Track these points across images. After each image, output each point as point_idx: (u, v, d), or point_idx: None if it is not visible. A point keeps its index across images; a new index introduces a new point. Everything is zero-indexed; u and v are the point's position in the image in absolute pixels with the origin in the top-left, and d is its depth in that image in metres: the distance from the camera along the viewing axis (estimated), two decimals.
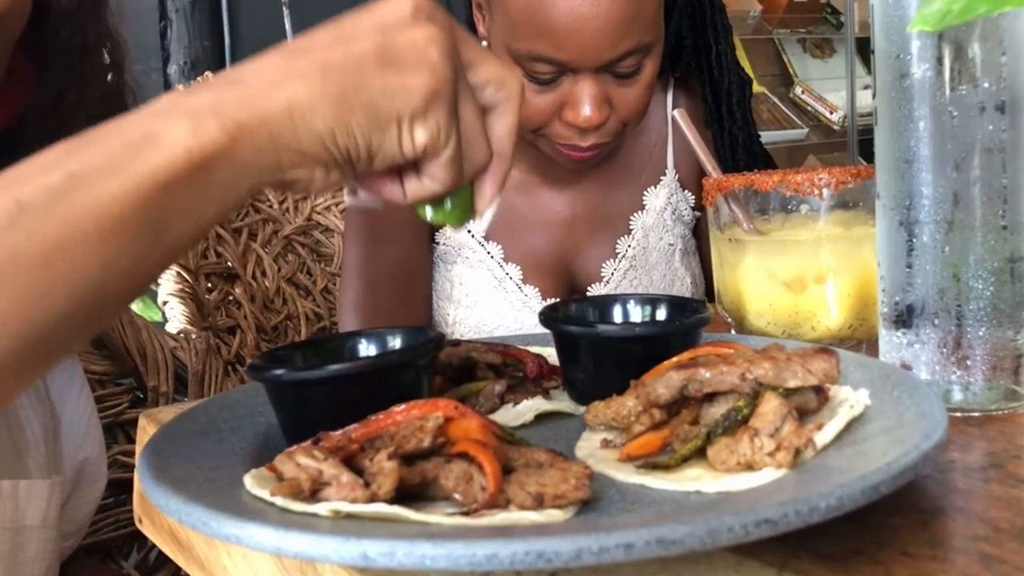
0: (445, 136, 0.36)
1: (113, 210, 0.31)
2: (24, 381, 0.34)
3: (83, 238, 0.31)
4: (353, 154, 0.35)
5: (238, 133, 0.33)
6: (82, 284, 0.31)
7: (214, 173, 0.33)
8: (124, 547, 0.82)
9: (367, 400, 0.38)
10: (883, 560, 0.30)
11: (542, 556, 0.26)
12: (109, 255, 0.31)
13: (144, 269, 0.33)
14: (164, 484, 0.33)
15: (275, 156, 0.34)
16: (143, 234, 0.32)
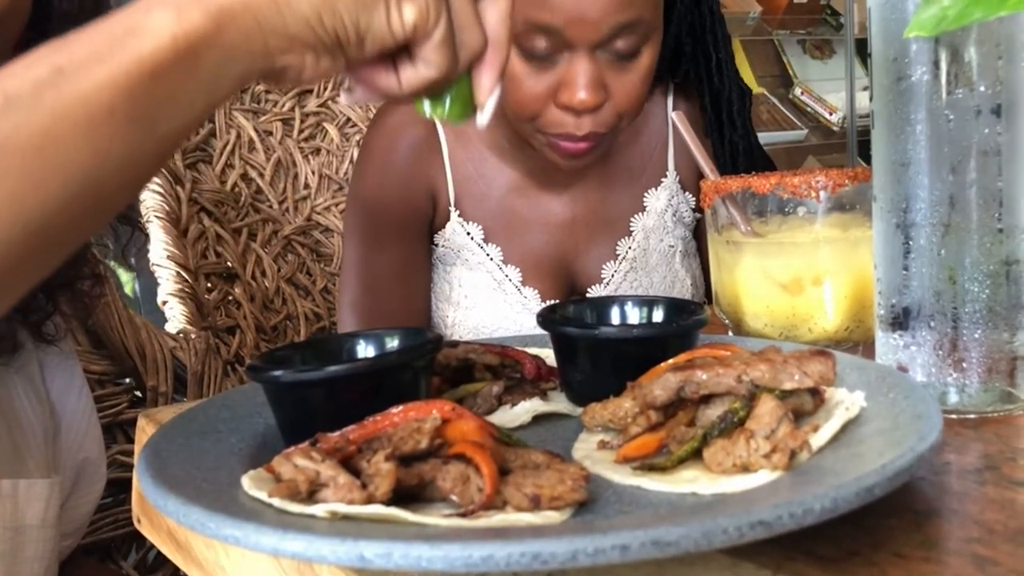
0: (435, 14, 0.36)
1: (101, 99, 0.31)
2: (28, 276, 0.33)
3: (73, 127, 0.31)
4: (342, 36, 0.35)
5: (223, 18, 0.33)
6: (76, 173, 0.31)
7: (201, 60, 0.33)
8: (123, 547, 0.83)
9: (365, 401, 0.38)
10: (878, 562, 0.30)
11: (538, 557, 0.26)
12: (101, 144, 0.31)
13: (138, 160, 0.33)
14: (163, 484, 0.33)
15: (262, 41, 0.34)
16: (133, 124, 0.32)
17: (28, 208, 0.31)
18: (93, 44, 0.32)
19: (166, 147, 0.34)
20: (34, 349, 0.62)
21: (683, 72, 0.89)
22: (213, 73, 0.33)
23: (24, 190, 0.31)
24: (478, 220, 0.87)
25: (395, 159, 0.87)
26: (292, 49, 0.35)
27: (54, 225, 0.32)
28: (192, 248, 1.02)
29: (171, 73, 0.32)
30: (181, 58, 0.32)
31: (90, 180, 0.32)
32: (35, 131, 0.31)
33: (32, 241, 0.32)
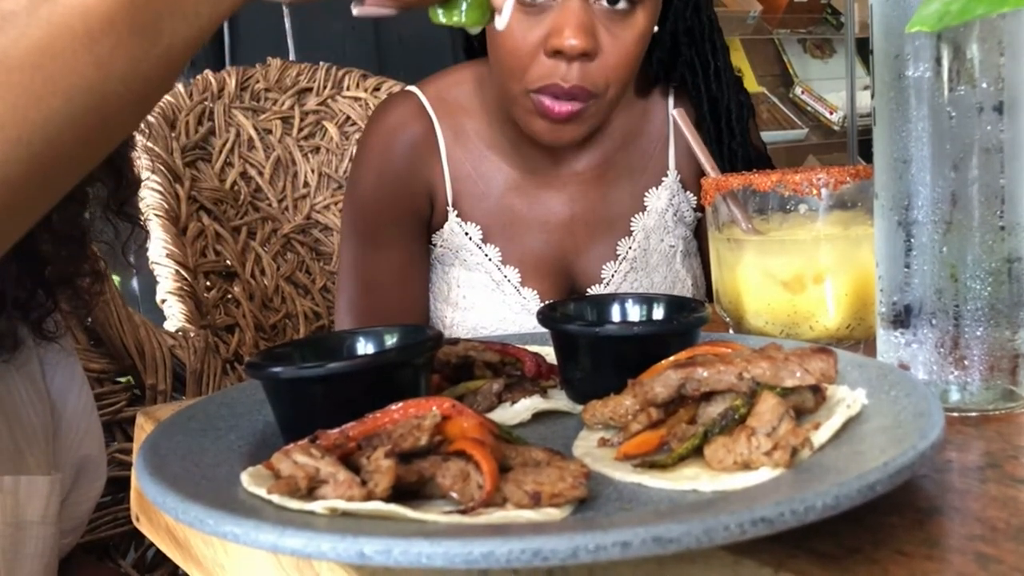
0: None
1: (100, 9, 0.31)
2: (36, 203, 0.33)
3: (72, 39, 0.30)
4: None
5: None
6: (79, 86, 0.31)
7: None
8: (122, 545, 0.82)
9: (364, 398, 0.38)
10: (880, 559, 0.30)
11: (538, 554, 0.26)
12: (102, 56, 0.31)
13: (144, 74, 0.32)
14: (161, 482, 0.33)
15: None
16: (135, 34, 0.31)
17: (31, 125, 0.30)
18: None
19: (172, 61, 0.33)
20: (35, 346, 0.61)
21: (679, 75, 0.89)
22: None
23: (26, 107, 0.30)
24: (476, 220, 0.86)
25: (392, 158, 0.86)
26: None
27: (59, 144, 0.31)
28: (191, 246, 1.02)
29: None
30: None
31: (94, 95, 0.31)
32: (33, 46, 0.30)
33: (37, 161, 0.31)
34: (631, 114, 0.90)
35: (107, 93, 0.32)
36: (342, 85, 1.20)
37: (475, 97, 0.88)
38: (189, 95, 1.11)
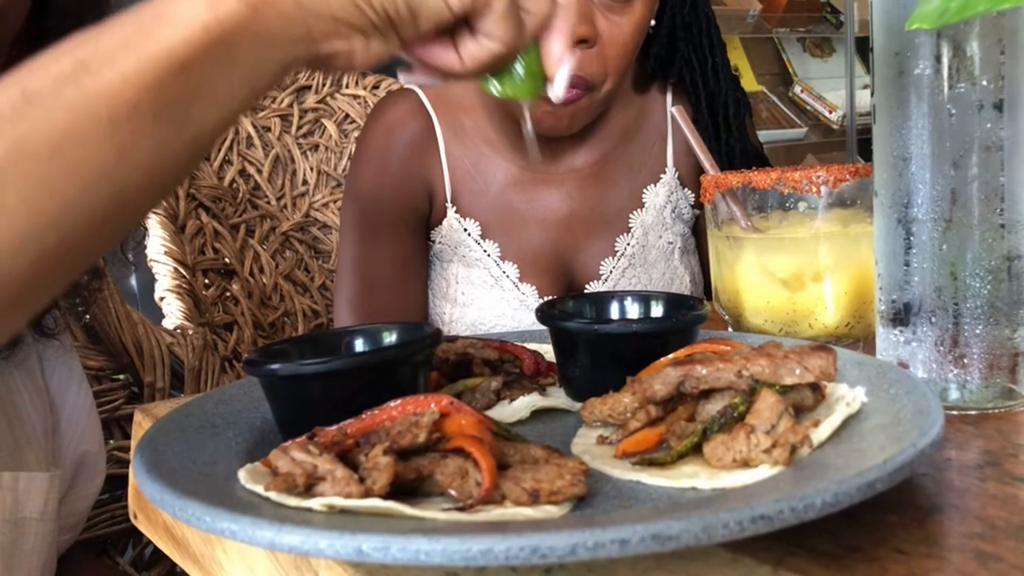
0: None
1: (126, 93, 0.29)
2: (45, 289, 0.31)
3: (95, 124, 0.28)
4: (392, 13, 0.32)
5: (259, 2, 0.30)
6: (97, 174, 0.29)
7: (236, 49, 0.30)
8: (119, 543, 0.82)
9: (363, 395, 0.38)
10: (879, 558, 0.30)
11: (537, 551, 0.26)
12: (124, 143, 0.29)
13: (166, 159, 0.30)
14: (159, 479, 0.33)
15: (304, 25, 0.31)
16: (161, 119, 0.29)
17: (45, 215, 0.28)
18: (119, 35, 0.30)
19: (198, 145, 0.31)
20: (34, 343, 0.61)
21: (676, 71, 0.89)
22: (250, 63, 0.30)
23: (40, 198, 0.28)
24: (475, 216, 0.86)
25: (392, 156, 0.86)
26: (338, 33, 0.32)
27: (72, 236, 0.29)
28: (190, 244, 1.02)
29: (203, 64, 0.30)
30: (214, 48, 0.30)
31: (113, 184, 0.29)
32: (54, 131, 0.28)
33: (48, 254, 0.29)
34: (629, 111, 0.90)
35: (127, 182, 0.29)
36: (341, 83, 1.20)
37: (473, 94, 0.88)
38: None
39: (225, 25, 0.30)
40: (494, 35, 0.34)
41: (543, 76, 0.37)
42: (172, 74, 0.29)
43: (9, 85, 0.29)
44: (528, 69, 0.37)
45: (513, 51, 0.35)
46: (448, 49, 0.35)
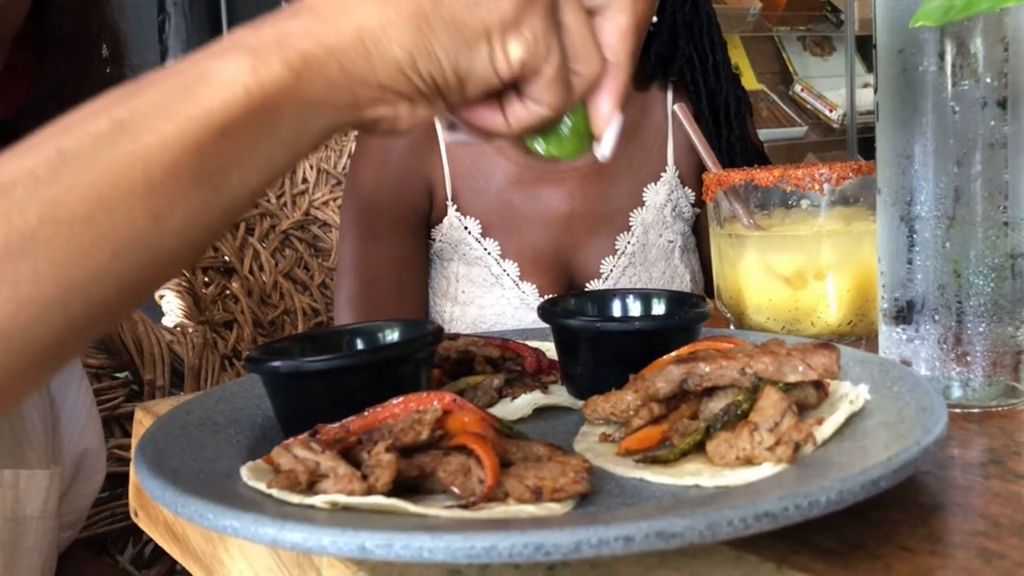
0: (544, 48, 0.31)
1: (163, 158, 0.28)
2: (68, 351, 0.30)
3: (130, 189, 0.27)
4: (440, 81, 0.31)
5: (304, 67, 0.29)
6: (129, 242, 0.28)
7: (278, 115, 0.29)
8: (120, 541, 0.82)
9: (365, 393, 0.38)
10: (883, 555, 0.30)
11: (541, 548, 0.26)
12: (160, 209, 0.28)
13: (201, 225, 0.29)
14: (160, 476, 0.33)
15: (349, 91, 0.30)
16: (198, 185, 0.28)
17: (72, 283, 0.27)
18: (159, 94, 0.29)
19: (234, 210, 0.30)
20: None
21: (677, 69, 0.89)
22: (292, 129, 0.29)
23: (69, 263, 0.27)
24: (475, 214, 0.86)
25: (392, 154, 0.86)
26: (384, 99, 0.30)
27: (101, 299, 0.28)
28: None
29: (243, 130, 0.28)
30: (255, 113, 0.28)
31: (146, 249, 0.28)
32: (88, 195, 0.27)
33: (75, 316, 0.28)
34: (630, 109, 0.90)
35: (160, 248, 0.28)
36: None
37: None
38: None
39: (268, 90, 0.28)
40: (542, 100, 0.33)
41: (590, 135, 0.36)
42: (212, 139, 0.28)
43: (45, 142, 0.28)
44: (575, 128, 0.35)
45: (561, 114, 0.34)
46: (494, 111, 0.34)
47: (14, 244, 0.26)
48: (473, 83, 0.31)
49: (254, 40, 0.29)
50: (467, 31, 0.30)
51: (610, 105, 0.35)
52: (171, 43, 1.64)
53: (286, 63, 0.29)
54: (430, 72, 0.30)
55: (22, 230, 0.26)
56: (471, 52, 0.31)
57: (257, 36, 0.30)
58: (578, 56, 0.33)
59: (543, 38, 0.31)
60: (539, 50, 0.31)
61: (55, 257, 0.27)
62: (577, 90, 0.34)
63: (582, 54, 0.33)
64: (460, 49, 0.30)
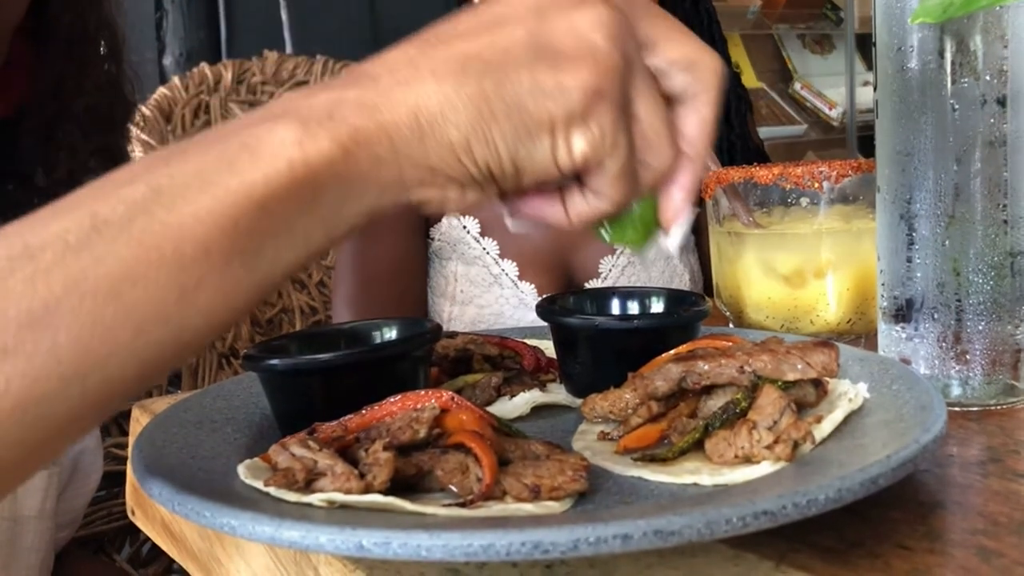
0: (611, 143, 0.29)
1: (196, 232, 0.26)
2: (85, 426, 0.28)
3: (158, 263, 0.26)
4: (495, 169, 0.29)
5: (353, 144, 0.27)
6: (153, 317, 0.26)
7: (321, 191, 0.27)
8: (117, 540, 0.82)
9: (363, 391, 0.38)
10: (882, 553, 0.30)
11: (539, 547, 0.26)
12: (188, 286, 0.26)
13: (229, 305, 0.27)
14: (157, 474, 0.33)
15: (397, 171, 0.28)
16: (230, 263, 0.27)
17: (92, 359, 0.26)
18: (201, 161, 0.27)
19: (263, 289, 0.28)
20: None
21: None
22: (333, 206, 0.27)
23: (91, 338, 0.26)
24: (474, 213, 0.86)
25: None
26: (433, 182, 0.28)
27: (119, 375, 0.27)
28: None
29: (283, 205, 0.27)
30: (297, 189, 0.27)
31: (169, 327, 0.27)
32: (116, 267, 0.26)
33: (91, 393, 0.26)
34: None
35: (184, 325, 0.27)
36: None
37: None
38: (185, 88, 1.10)
39: (313, 165, 0.27)
40: (605, 195, 0.30)
41: (657, 225, 0.33)
42: (248, 215, 0.26)
43: (81, 205, 0.27)
44: (642, 217, 0.33)
45: (623, 208, 0.31)
46: (554, 204, 0.31)
47: (36, 314, 0.25)
48: (531, 173, 0.29)
49: (306, 108, 0.28)
50: (530, 120, 0.28)
51: (681, 199, 0.33)
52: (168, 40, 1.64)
53: (335, 139, 0.27)
54: (486, 159, 0.28)
55: (47, 299, 0.25)
56: (532, 142, 0.28)
57: (310, 104, 0.28)
58: (649, 147, 0.31)
59: (610, 132, 0.29)
60: (605, 145, 0.29)
61: (76, 330, 0.26)
62: (645, 182, 0.31)
63: (654, 146, 0.31)
64: (520, 138, 0.28)
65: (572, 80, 0.28)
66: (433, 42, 0.29)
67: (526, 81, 0.28)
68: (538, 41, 0.28)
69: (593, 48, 0.28)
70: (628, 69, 0.29)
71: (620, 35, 0.29)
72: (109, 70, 0.64)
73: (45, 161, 0.60)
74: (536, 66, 0.28)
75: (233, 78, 1.14)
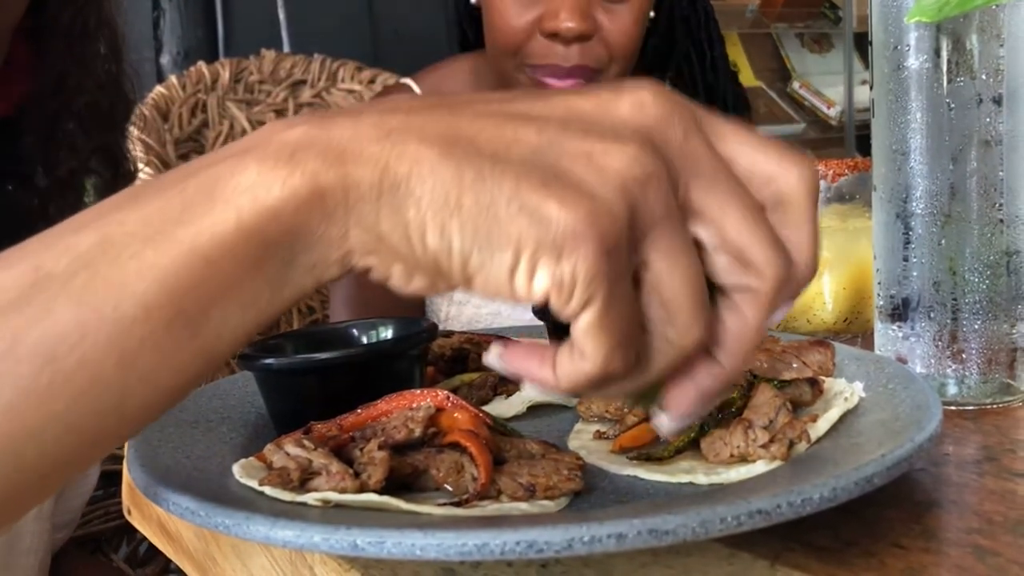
0: (583, 293, 0.24)
1: (137, 289, 0.24)
2: (30, 502, 0.26)
3: (96, 327, 0.24)
4: (443, 264, 0.25)
5: (306, 192, 0.25)
6: (91, 384, 0.24)
7: (269, 247, 0.25)
8: (114, 540, 0.82)
9: (358, 390, 0.37)
10: (877, 552, 0.30)
11: (533, 546, 0.26)
12: (127, 350, 0.24)
13: (174, 367, 0.25)
14: (153, 473, 0.33)
15: (344, 230, 0.25)
16: (172, 325, 0.24)
17: (27, 427, 0.24)
18: (155, 205, 0.25)
19: (211, 355, 0.25)
20: None
21: (675, 65, 0.89)
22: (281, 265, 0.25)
23: (25, 407, 0.24)
24: None
25: None
26: (377, 251, 0.25)
27: (56, 448, 0.25)
28: None
29: (229, 261, 0.24)
30: (244, 243, 0.24)
31: (109, 394, 0.24)
32: (54, 328, 0.24)
33: (28, 466, 0.24)
34: None
35: (127, 393, 0.25)
36: (336, 77, 1.20)
37: (471, 88, 0.87)
38: (182, 87, 1.10)
39: (262, 217, 0.24)
40: (586, 355, 0.25)
41: (657, 396, 0.27)
42: (192, 271, 0.24)
43: (27, 257, 0.25)
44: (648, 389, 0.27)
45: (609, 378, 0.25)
46: (543, 362, 0.26)
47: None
48: (480, 285, 0.25)
49: (275, 144, 0.25)
50: (496, 230, 0.24)
51: (691, 400, 0.27)
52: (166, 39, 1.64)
53: (290, 186, 0.25)
54: (435, 249, 0.25)
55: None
56: (490, 253, 0.24)
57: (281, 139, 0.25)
58: (670, 320, 0.25)
59: (584, 281, 0.24)
60: (575, 292, 0.24)
61: (8, 397, 0.24)
62: (659, 358, 0.25)
63: (676, 319, 0.25)
64: (479, 243, 0.24)
65: (557, 211, 0.24)
66: (446, 104, 0.26)
67: (508, 188, 0.24)
68: (546, 152, 0.25)
69: (597, 189, 0.24)
70: (639, 223, 0.24)
71: (640, 186, 0.24)
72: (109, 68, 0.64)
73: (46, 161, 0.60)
74: (528, 177, 0.24)
75: (231, 77, 1.14)
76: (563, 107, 0.26)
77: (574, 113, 0.26)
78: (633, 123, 0.25)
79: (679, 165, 0.25)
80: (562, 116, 0.25)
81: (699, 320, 0.25)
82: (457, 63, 0.90)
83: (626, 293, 0.25)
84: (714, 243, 0.25)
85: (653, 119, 0.25)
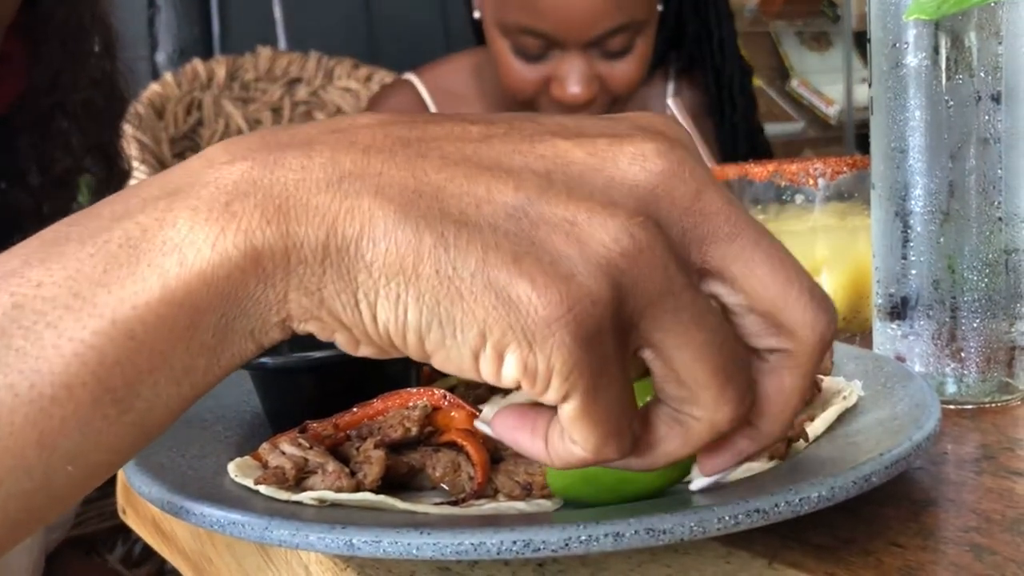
0: (561, 386, 0.21)
1: (56, 365, 0.21)
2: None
3: (10, 409, 0.21)
4: (396, 337, 0.22)
5: (240, 253, 0.22)
6: (12, 470, 0.22)
7: (200, 315, 0.22)
8: (108, 540, 0.82)
9: (354, 388, 0.37)
10: (874, 551, 0.30)
11: (530, 545, 0.26)
12: (48, 431, 0.21)
13: (103, 445, 0.22)
14: (147, 472, 0.33)
15: (284, 294, 0.22)
16: (99, 403, 0.22)
17: None
18: (76, 261, 0.22)
19: (143, 432, 0.23)
20: None
21: (686, 54, 0.90)
22: (215, 334, 0.23)
23: None
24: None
25: None
26: (319, 318, 0.23)
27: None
28: None
29: (156, 333, 0.22)
30: (173, 313, 0.22)
31: (32, 478, 0.22)
32: None
33: None
34: (632, 104, 0.90)
35: (51, 475, 0.22)
36: (333, 75, 1.19)
37: (473, 85, 0.87)
38: (178, 85, 1.10)
39: (191, 284, 0.22)
40: (576, 439, 0.22)
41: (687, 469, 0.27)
42: (116, 345, 0.22)
43: None
44: None
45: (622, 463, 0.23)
46: (535, 434, 0.24)
47: None
48: (440, 364, 0.23)
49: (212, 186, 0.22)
50: (458, 306, 0.21)
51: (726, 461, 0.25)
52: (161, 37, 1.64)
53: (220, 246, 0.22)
54: (386, 320, 0.22)
55: None
56: (451, 332, 0.21)
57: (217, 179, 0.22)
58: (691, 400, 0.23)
59: (562, 372, 0.21)
60: (551, 383, 0.21)
61: None
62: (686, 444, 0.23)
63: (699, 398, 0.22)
64: (439, 319, 0.21)
65: (528, 294, 0.20)
66: (414, 138, 0.22)
67: (474, 259, 0.21)
68: (521, 218, 0.21)
69: (577, 267, 0.21)
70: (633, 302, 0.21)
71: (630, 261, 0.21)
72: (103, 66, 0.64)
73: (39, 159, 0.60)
74: (498, 248, 0.21)
75: (226, 74, 1.14)
76: (551, 154, 0.22)
77: (561, 165, 0.22)
78: (631, 181, 0.22)
79: (690, 224, 0.22)
80: (547, 169, 0.22)
81: (729, 396, 0.22)
82: (460, 60, 0.90)
83: (615, 379, 0.22)
84: (741, 306, 0.23)
85: (658, 175, 0.22)
